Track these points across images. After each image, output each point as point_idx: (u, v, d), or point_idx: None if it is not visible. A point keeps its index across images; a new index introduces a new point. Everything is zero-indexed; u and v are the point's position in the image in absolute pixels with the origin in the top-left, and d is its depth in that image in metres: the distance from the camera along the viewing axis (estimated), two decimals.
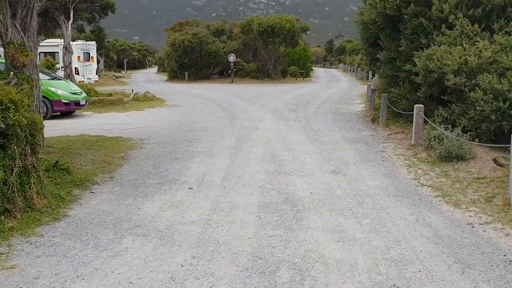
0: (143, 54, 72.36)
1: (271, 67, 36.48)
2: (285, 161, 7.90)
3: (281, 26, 33.61)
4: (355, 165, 7.64)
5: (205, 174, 6.89)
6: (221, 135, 10.66)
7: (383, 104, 12.60)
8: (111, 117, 14.26)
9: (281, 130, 11.50)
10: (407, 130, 10.65)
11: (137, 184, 6.36)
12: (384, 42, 12.41)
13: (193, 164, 7.61)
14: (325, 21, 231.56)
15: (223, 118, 13.85)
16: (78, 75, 29.30)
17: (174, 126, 12.28)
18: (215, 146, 9.22)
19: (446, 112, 9.25)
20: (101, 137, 9.99)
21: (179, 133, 10.96)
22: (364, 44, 14.96)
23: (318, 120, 13.72)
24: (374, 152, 8.75)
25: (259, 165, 7.56)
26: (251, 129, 11.69)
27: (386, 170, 7.27)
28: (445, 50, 9.25)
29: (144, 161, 7.79)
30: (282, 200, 5.59)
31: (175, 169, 7.21)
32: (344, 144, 9.62)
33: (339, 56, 72.50)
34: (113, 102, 17.47)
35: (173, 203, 5.51)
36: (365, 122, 13.33)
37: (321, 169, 7.32)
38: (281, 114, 15.04)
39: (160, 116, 14.53)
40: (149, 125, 12.47)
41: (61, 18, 19.60)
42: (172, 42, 36.25)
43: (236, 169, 7.23)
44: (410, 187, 6.28)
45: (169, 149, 8.90)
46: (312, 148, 9.17)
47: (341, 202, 5.54)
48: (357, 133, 11.18)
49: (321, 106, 17.92)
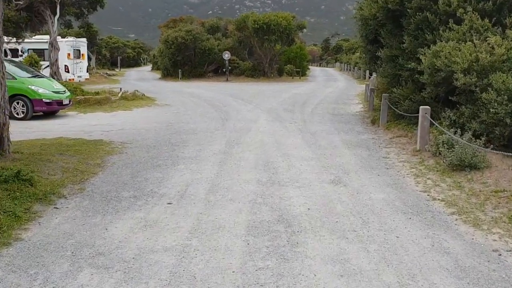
0: (138, 51, 71.44)
1: (267, 66, 35.69)
2: (279, 168, 7.13)
3: (277, 23, 32.83)
4: (356, 173, 6.88)
5: (188, 185, 6.11)
6: (211, 138, 9.88)
7: (384, 105, 11.85)
8: (96, 118, 13.44)
9: (276, 133, 10.73)
10: (410, 133, 9.91)
11: (109, 197, 5.57)
12: (385, 39, 11.65)
13: (176, 172, 6.83)
14: (321, 19, 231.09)
15: (215, 119, 13.06)
16: (68, 72, 28.47)
17: (162, 127, 11.49)
18: (203, 151, 8.44)
19: (455, 115, 8.51)
20: (80, 140, 9.19)
21: (166, 136, 10.17)
22: (363, 41, 14.20)
23: (315, 121, 12.96)
24: (376, 158, 8.00)
25: (250, 173, 6.79)
26: (244, 131, 10.91)
27: (391, 180, 6.52)
28: (454, 46, 8.50)
29: (121, 169, 6.99)
30: (275, 219, 4.82)
31: (155, 179, 6.42)
32: (343, 149, 8.87)
33: (335, 55, 71.87)
34: (100, 101, 16.63)
35: (147, 222, 4.72)
36: (364, 124, 12.58)
37: (319, 178, 6.55)
38: (277, 114, 14.27)
39: (147, 117, 13.73)
40: (134, 126, 11.67)
41: (46, 13, 18.72)
42: (165, 39, 35.37)
43: (224, 179, 6.46)
44: (420, 202, 5.52)
45: (152, 154, 8.11)
46: (309, 153, 8.41)
47: (343, 221, 4.77)
48: (356, 136, 10.43)
49: (318, 106, 17.17)
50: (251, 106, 16.72)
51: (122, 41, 66.27)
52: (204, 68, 36.11)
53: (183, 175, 6.65)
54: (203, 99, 19.14)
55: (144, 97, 18.66)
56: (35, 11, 19.16)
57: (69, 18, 24.10)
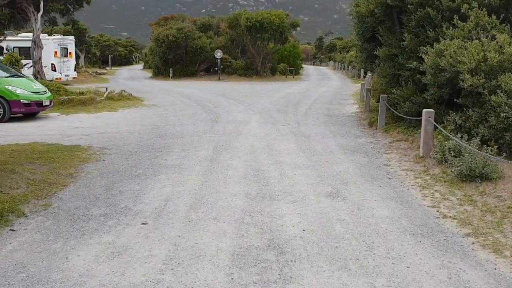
0: (130, 50, 70.42)
1: (259, 64, 35.00)
2: (271, 179, 6.47)
3: (270, 21, 32.14)
4: (356, 184, 6.23)
5: (168, 200, 5.43)
6: (198, 143, 9.20)
7: (382, 107, 11.22)
8: (78, 120, 12.71)
9: (268, 136, 10.07)
10: (411, 137, 9.29)
11: (76, 216, 4.88)
12: (384, 37, 11.02)
13: (156, 184, 6.14)
14: (315, 18, 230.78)
15: (203, 121, 12.38)
16: (55, 71, 27.64)
17: (146, 130, 10.79)
18: (188, 158, 7.76)
19: (460, 118, 7.89)
20: (55, 146, 8.48)
21: (150, 140, 9.48)
22: (359, 39, 13.56)
23: (310, 123, 12.32)
24: (376, 166, 7.36)
25: (238, 185, 6.12)
26: (234, 134, 10.24)
27: (394, 193, 5.88)
28: (459, 45, 7.88)
29: (96, 180, 6.30)
30: (265, 244, 4.16)
31: (131, 192, 5.74)
32: (340, 155, 8.22)
33: (329, 54, 71.33)
34: (84, 102, 15.88)
35: (116, 248, 4.05)
36: (361, 126, 11.95)
37: (315, 190, 5.90)
38: (269, 116, 13.61)
39: (133, 118, 13.01)
40: (117, 129, 10.96)
41: (30, 9, 17.91)
42: (156, 37, 34.55)
43: (209, 192, 5.78)
44: (429, 220, 4.89)
45: (132, 162, 7.42)
46: (304, 160, 7.76)
47: (344, 246, 4.12)
48: (354, 140, 9.79)
49: (312, 106, 16.53)
50: (242, 106, 16.05)
51: (113, 39, 65.20)
52: (195, 67, 35.34)
53: (163, 187, 5.96)
54: (193, 99, 18.43)
55: (131, 97, 17.92)
56: (17, 7, 18.34)
57: (54, 15, 23.20)
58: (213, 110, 14.94)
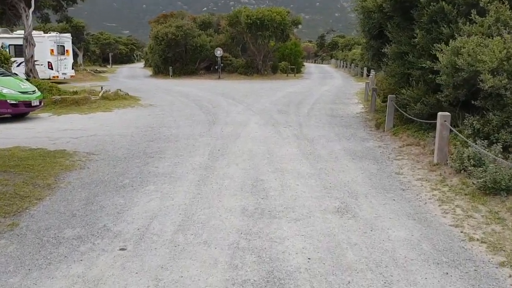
0: (131, 48, 69.80)
1: (260, 63, 34.32)
2: (271, 190, 5.80)
3: (271, 18, 31.44)
4: (366, 197, 5.57)
5: (154, 217, 4.77)
6: (193, 147, 8.54)
7: (390, 108, 10.54)
8: (69, 121, 12.06)
9: (269, 140, 9.40)
10: (422, 141, 8.62)
11: (46, 238, 4.22)
12: (393, 33, 10.33)
13: (143, 197, 5.48)
14: (316, 16, 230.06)
15: (201, 123, 11.71)
16: (51, 69, 27.06)
17: (140, 133, 10.13)
18: (181, 165, 7.10)
19: (478, 122, 7.22)
20: (38, 151, 7.83)
21: (142, 144, 8.82)
22: (365, 36, 12.87)
23: (313, 125, 11.65)
24: (388, 175, 6.69)
25: (234, 198, 5.46)
26: (231, 138, 9.58)
27: (411, 208, 5.21)
28: (478, 42, 7.20)
29: (76, 192, 5.64)
30: (263, 278, 3.50)
31: (114, 207, 5.08)
32: (347, 161, 7.55)
33: (331, 52, 70.59)
34: (78, 101, 15.23)
35: (85, 284, 3.39)
36: (367, 128, 11.27)
37: (320, 205, 5.23)
38: (270, 117, 12.95)
39: (127, 119, 12.35)
40: (109, 131, 10.31)
41: (20, 6, 17.23)
42: (155, 35, 33.84)
43: (200, 207, 5.12)
44: (454, 243, 4.22)
45: (119, 170, 6.77)
46: (307, 167, 7.09)
47: (358, 281, 3.46)
48: (360, 144, 9.12)
49: (315, 106, 15.85)
50: (242, 106, 15.38)
51: (113, 37, 64.58)
52: (195, 66, 34.65)
53: (150, 201, 5.31)
54: (192, 99, 17.77)
55: (127, 96, 17.26)
56: (8, 3, 17.67)
57: (46, 11, 22.50)
58: (212, 110, 14.28)
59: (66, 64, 28.73)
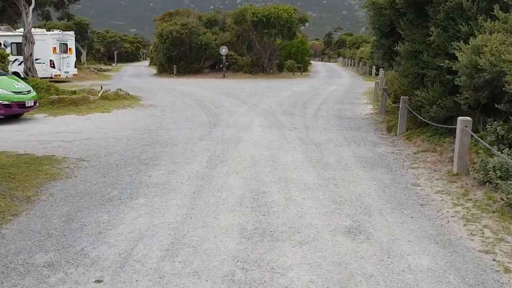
0: (137, 46, 69.41)
1: (266, 61, 33.69)
2: (273, 205, 5.21)
3: (277, 16, 30.80)
4: (381, 214, 4.96)
5: (139, 239, 4.19)
6: (191, 153, 7.97)
7: (403, 110, 9.90)
8: (64, 122, 11.53)
9: (272, 144, 8.81)
10: (439, 147, 7.99)
11: (12, 266, 3.66)
12: (406, 31, 9.69)
13: (130, 212, 4.91)
14: (323, 14, 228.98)
15: (202, 125, 11.14)
16: (54, 68, 26.60)
17: (137, 136, 9.57)
18: (176, 174, 6.52)
19: (503, 128, 6.59)
20: (24, 157, 7.28)
21: (137, 149, 8.26)
22: (376, 34, 12.21)
23: (320, 127, 11.03)
24: (403, 187, 6.07)
25: (232, 215, 4.87)
26: (233, 142, 8.99)
27: (432, 228, 4.59)
28: (502, 40, 6.56)
29: (57, 206, 5.08)
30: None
31: (95, 226, 4.51)
32: (358, 169, 6.94)
33: (338, 50, 69.83)
34: (76, 101, 14.72)
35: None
36: (378, 131, 10.63)
37: (330, 224, 4.63)
38: (274, 118, 12.34)
39: (125, 121, 11.81)
40: (105, 134, 9.76)
41: (21, 3, 16.75)
42: (160, 33, 33.29)
43: (193, 226, 4.54)
44: (486, 275, 3.60)
45: (108, 179, 6.20)
46: (314, 176, 6.49)
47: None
48: (372, 149, 8.50)
49: (322, 107, 15.23)
50: (246, 107, 14.79)
51: (119, 35, 64.17)
52: (200, 64, 34.08)
53: (138, 218, 4.73)
54: (194, 99, 17.20)
55: (128, 96, 16.72)
56: (8, 0, 17.19)
57: (47, 9, 22.01)
58: (214, 111, 13.69)
59: (68, 63, 28.26)
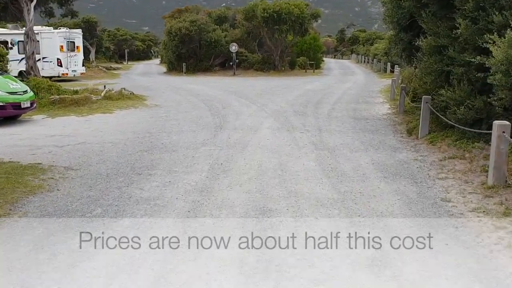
0: (148, 44, 69.08)
1: (277, 58, 32.82)
2: (281, 228, 4.41)
3: (288, 11, 29.91)
4: (410, 242, 4.13)
5: (114, 278, 3.44)
6: (192, 160, 7.21)
7: (425, 111, 9.01)
8: (62, 125, 10.87)
9: (282, 149, 8.02)
10: (468, 153, 7.13)
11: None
12: (428, 24, 8.80)
13: (109, 242, 4.16)
14: (336, 11, 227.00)
15: (206, 127, 10.39)
16: (61, 67, 26.08)
17: (135, 140, 8.86)
18: (171, 186, 5.77)
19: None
20: (6, 166, 6.59)
21: (133, 155, 7.53)
22: (393, 28, 11.33)
23: (334, 129, 10.20)
24: (432, 203, 5.23)
25: (231, 246, 4.08)
26: (239, 147, 8.22)
27: (472, 260, 3.76)
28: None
29: (27, 229, 4.34)
30: None
31: (67, 257, 3.75)
32: (378, 180, 6.11)
33: (351, 46, 68.66)
34: (78, 101, 14.08)
35: None
36: (397, 134, 9.77)
37: (348, 255, 3.82)
38: (285, 119, 11.54)
39: (126, 122, 11.10)
40: (102, 138, 9.07)
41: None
42: (168, 31, 32.63)
43: (182, 260, 3.76)
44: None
45: (94, 194, 5.47)
46: (328, 190, 5.68)
47: None
48: (392, 155, 7.65)
49: (336, 106, 14.38)
50: (255, 107, 14.00)
51: (130, 33, 63.84)
52: (210, 62, 33.33)
53: (115, 249, 3.97)
54: (201, 98, 16.47)
55: (132, 96, 16.04)
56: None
57: (51, 5, 21.44)
58: (221, 112, 12.93)
59: (76, 61, 27.73)
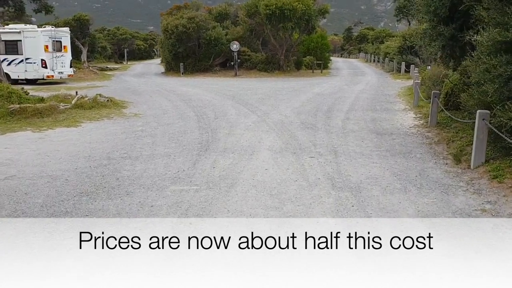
0: (150, 43, 66.98)
1: (282, 58, 30.32)
2: None
3: (292, 7, 27.40)
4: None
5: None
6: (147, 215, 4.79)
7: (482, 131, 6.52)
8: (3, 145, 8.50)
9: (285, 190, 5.58)
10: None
11: None
12: (490, 11, 6.35)
13: None
14: (341, 9, 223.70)
15: (187, 148, 7.98)
16: (45, 68, 23.81)
17: (84, 172, 6.46)
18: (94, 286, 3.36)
19: None
20: None
21: (65, 202, 5.12)
22: (430, 19, 8.84)
23: (353, 151, 7.76)
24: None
25: None
26: (223, 185, 5.80)
27: None
28: None
29: None
30: None
31: None
32: (440, 261, 3.66)
33: (358, 45, 66.09)
34: (42, 111, 11.73)
35: None
36: (439, 159, 7.29)
37: None
38: (290, 136, 9.11)
39: (86, 142, 8.70)
40: (42, 168, 6.67)
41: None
42: (165, 28, 30.23)
43: None
44: None
45: None
46: (362, 286, 3.26)
47: None
48: (444, 202, 5.19)
49: (351, 115, 11.92)
50: (254, 117, 11.57)
51: (130, 32, 61.77)
52: (210, 62, 30.88)
53: None
54: (193, 105, 14.06)
55: (109, 103, 13.63)
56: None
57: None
58: (211, 124, 10.51)
59: (63, 62, 25.42)
